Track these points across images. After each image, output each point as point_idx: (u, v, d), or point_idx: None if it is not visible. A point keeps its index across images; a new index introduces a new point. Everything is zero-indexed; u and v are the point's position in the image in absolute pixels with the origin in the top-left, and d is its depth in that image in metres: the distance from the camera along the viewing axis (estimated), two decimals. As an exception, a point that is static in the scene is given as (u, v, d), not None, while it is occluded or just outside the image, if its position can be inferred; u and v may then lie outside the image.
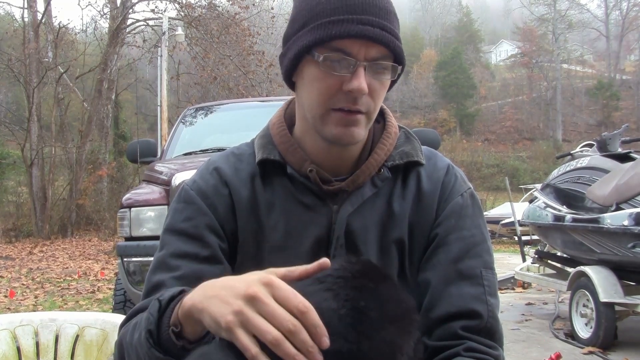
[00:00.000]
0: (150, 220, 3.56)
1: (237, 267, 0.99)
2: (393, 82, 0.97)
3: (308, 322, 0.65)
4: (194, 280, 0.91)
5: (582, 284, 4.21)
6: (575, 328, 4.25)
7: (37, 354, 1.37)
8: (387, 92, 0.98)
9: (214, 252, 0.96)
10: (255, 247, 0.98)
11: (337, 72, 0.89)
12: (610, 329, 3.90)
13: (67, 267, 9.26)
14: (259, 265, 0.98)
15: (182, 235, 0.97)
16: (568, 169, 4.92)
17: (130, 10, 15.76)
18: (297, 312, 0.66)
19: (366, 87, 0.88)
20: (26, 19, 16.23)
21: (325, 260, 0.74)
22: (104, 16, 17.01)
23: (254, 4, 16.38)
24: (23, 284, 7.41)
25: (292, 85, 1.00)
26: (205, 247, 0.96)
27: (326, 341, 0.65)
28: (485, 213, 12.75)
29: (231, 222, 0.99)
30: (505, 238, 13.17)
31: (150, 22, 16.10)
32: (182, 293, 0.80)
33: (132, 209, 3.57)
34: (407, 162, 1.00)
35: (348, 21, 0.87)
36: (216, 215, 0.98)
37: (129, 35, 16.19)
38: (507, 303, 5.75)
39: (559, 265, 5.40)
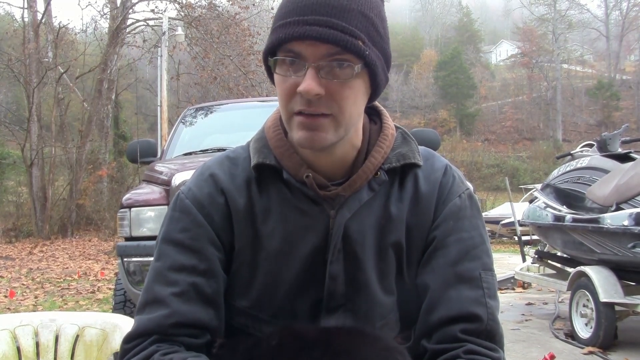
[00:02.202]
0: (150, 220, 3.55)
1: (232, 274, 0.99)
2: (377, 83, 0.93)
3: None
4: (194, 295, 0.93)
5: (582, 284, 4.21)
6: (575, 328, 4.24)
7: (37, 354, 1.36)
8: (375, 93, 0.94)
9: (211, 265, 0.96)
10: (251, 254, 0.98)
11: (290, 75, 0.89)
12: (610, 329, 3.90)
13: (67, 267, 9.26)
14: (255, 271, 0.97)
15: (179, 246, 0.96)
16: (568, 169, 4.91)
17: (130, 10, 15.76)
18: None
19: (315, 88, 0.86)
20: (26, 19, 16.24)
21: None
22: (104, 16, 17.04)
23: (254, 4, 16.38)
24: (23, 284, 7.41)
25: None
26: (203, 260, 0.95)
27: None
28: (485, 213, 12.62)
29: (227, 231, 0.98)
30: (505, 238, 13.16)
31: (150, 22, 16.10)
32: None
33: (132, 209, 3.57)
34: (404, 164, 0.99)
35: (295, 23, 0.86)
36: (212, 226, 0.97)
37: (129, 35, 16.19)
38: (507, 303, 5.75)
39: (559, 265, 5.40)
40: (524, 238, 6.28)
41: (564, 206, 4.69)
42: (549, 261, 5.47)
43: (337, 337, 0.88)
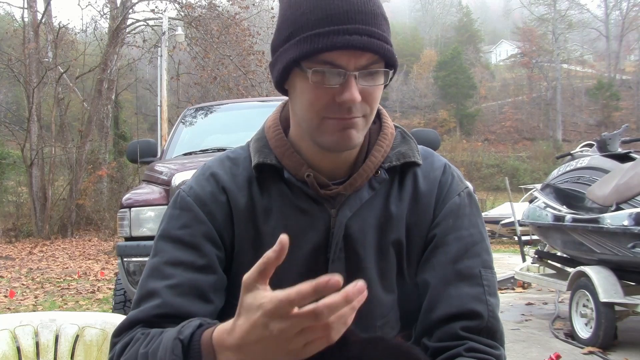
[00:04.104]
0: (150, 220, 3.56)
1: (233, 275, 0.98)
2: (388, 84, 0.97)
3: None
4: (188, 289, 0.91)
5: (582, 284, 4.21)
6: (575, 328, 4.25)
7: (37, 354, 1.36)
8: (383, 91, 0.97)
9: (209, 262, 0.95)
10: (253, 254, 0.97)
11: (327, 85, 0.88)
12: (610, 329, 3.90)
13: (67, 267, 9.26)
14: None
15: (177, 242, 0.95)
16: (568, 169, 4.92)
17: (130, 10, 15.77)
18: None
19: (358, 97, 0.87)
20: (26, 19, 16.26)
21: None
22: (104, 16, 17.06)
23: (254, 4, 16.39)
24: (23, 284, 7.41)
25: (284, 92, 0.98)
26: (201, 256, 0.94)
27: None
28: (485, 213, 12.58)
29: (229, 230, 0.98)
30: (505, 238, 13.15)
31: (150, 22, 16.12)
32: (200, 327, 0.80)
33: (132, 209, 3.57)
34: (403, 162, 1.00)
35: (334, 33, 0.85)
36: (214, 224, 0.97)
37: (129, 35, 16.21)
38: (507, 303, 5.75)
39: (559, 265, 5.40)
40: (524, 238, 6.28)
41: (564, 206, 4.69)
42: (549, 261, 5.47)
43: (357, 340, 0.89)
